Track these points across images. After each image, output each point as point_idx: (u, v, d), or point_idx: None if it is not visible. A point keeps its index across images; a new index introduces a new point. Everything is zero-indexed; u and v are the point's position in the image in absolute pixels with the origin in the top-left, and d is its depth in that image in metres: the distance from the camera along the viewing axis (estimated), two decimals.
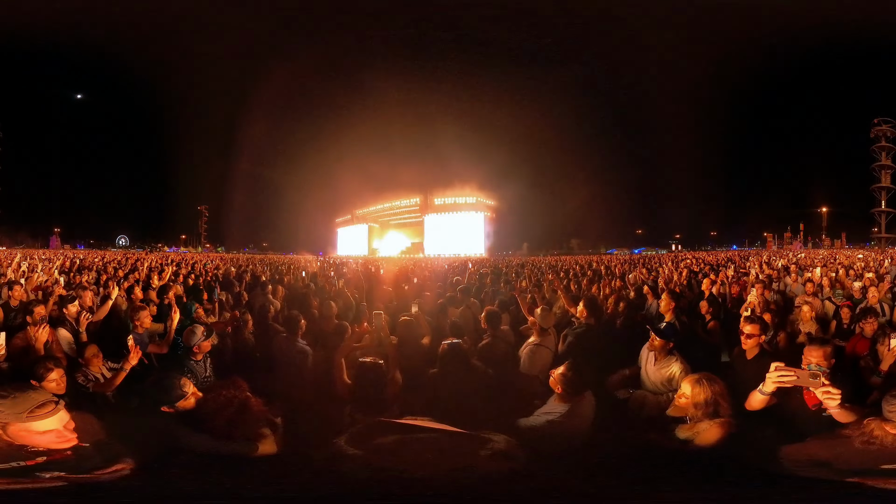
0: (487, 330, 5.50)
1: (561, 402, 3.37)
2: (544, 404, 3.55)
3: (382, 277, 13.54)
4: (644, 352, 4.60)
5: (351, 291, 8.61)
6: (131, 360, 4.18)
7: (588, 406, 3.37)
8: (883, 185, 66.95)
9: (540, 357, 4.98)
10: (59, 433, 2.53)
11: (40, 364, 3.91)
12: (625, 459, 2.97)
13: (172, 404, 3.15)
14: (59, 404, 2.58)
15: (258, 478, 2.71)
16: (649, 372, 4.42)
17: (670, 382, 4.21)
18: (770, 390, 2.99)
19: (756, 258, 21.50)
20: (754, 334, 4.29)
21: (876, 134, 66.67)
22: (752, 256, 28.17)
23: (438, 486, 2.37)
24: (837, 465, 2.49)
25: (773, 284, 9.81)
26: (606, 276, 11.86)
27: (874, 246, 57.95)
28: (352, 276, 12.41)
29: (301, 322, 5.59)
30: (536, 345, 5.08)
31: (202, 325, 4.87)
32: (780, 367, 2.90)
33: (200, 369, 4.65)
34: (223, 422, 2.92)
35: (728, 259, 23.73)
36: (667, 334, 4.45)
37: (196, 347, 4.66)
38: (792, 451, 2.67)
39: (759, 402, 3.09)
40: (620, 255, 48.41)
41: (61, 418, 2.56)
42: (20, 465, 2.42)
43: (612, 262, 19.21)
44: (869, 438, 2.49)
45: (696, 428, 3.19)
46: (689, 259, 23.86)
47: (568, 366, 3.44)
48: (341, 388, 4.03)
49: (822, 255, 28.58)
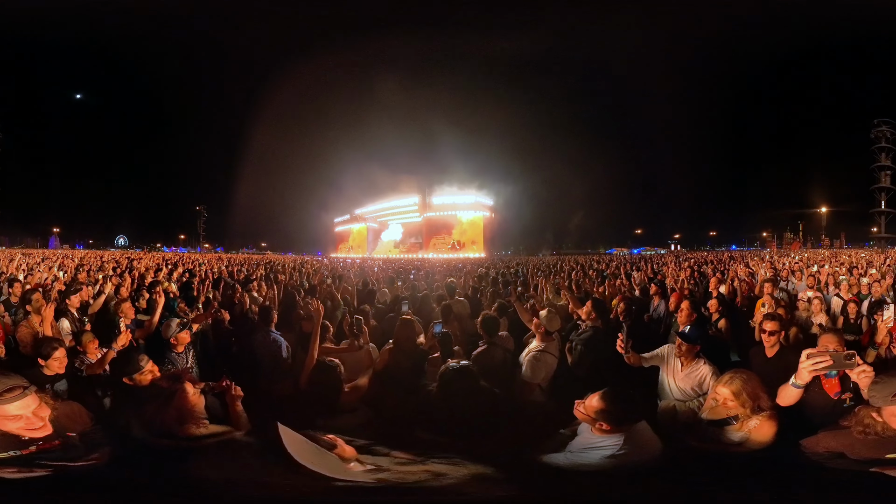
0: (483, 336, 5.18)
1: (606, 434, 2.81)
2: (573, 434, 3.04)
3: (378, 276, 13.51)
4: (663, 360, 4.39)
5: (343, 291, 8.52)
6: (120, 340, 4.56)
7: (648, 433, 2.82)
8: (882, 185, 67.06)
9: (544, 365, 4.72)
10: (28, 420, 2.47)
11: (46, 343, 4.29)
12: (680, 469, 2.79)
13: (131, 376, 3.71)
14: (29, 389, 2.50)
15: (238, 467, 2.66)
16: (677, 379, 4.22)
17: (700, 386, 4.06)
18: (805, 381, 2.89)
19: (758, 260, 21.38)
20: (776, 331, 4.24)
21: (876, 135, 66.74)
22: (755, 257, 28.07)
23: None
24: (850, 456, 2.48)
25: (780, 283, 9.77)
26: (611, 277, 11.67)
27: (873, 246, 57.88)
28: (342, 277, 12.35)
29: (273, 313, 5.86)
30: (540, 351, 4.79)
31: (178, 318, 5.18)
32: (812, 353, 2.80)
33: (182, 360, 4.89)
34: (160, 404, 3.07)
35: (731, 259, 23.63)
36: (693, 339, 4.30)
37: (173, 339, 4.90)
38: (809, 443, 2.66)
39: (794, 395, 2.99)
40: (620, 255, 48.34)
41: (27, 404, 2.48)
42: (15, 455, 2.41)
43: (613, 262, 19.10)
44: (864, 428, 2.49)
45: (746, 425, 3.04)
46: (692, 259, 23.79)
47: (605, 397, 2.85)
48: (302, 383, 3.99)
49: (823, 256, 28.50)
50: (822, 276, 10.38)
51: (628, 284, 10.07)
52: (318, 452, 2.36)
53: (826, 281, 9.91)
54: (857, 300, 7.59)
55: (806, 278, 10.19)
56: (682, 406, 3.99)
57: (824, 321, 6.27)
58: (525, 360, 4.80)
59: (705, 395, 3.83)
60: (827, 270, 11.52)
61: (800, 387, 2.93)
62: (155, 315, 5.83)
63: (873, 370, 2.66)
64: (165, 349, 4.89)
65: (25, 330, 5.40)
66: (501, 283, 10.77)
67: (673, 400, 4.15)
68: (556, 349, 4.95)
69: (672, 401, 4.13)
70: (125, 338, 4.62)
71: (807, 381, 2.89)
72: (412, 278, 13.97)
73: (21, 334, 5.40)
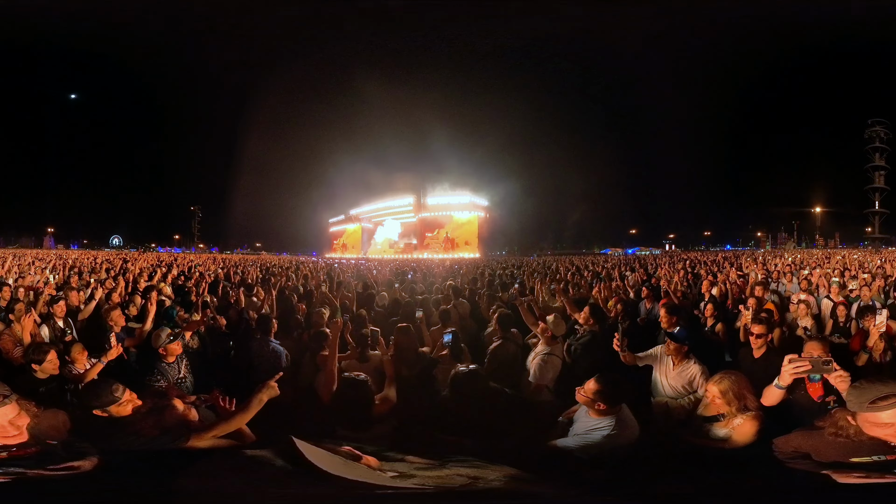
0: (498, 332, 5.61)
1: (602, 415, 3.24)
2: (573, 421, 3.45)
3: (376, 278, 13.47)
4: (656, 359, 4.61)
5: (342, 297, 8.34)
6: (110, 354, 4.46)
7: (630, 417, 3.30)
8: (876, 185, 67.44)
9: (551, 367, 4.88)
10: (2, 428, 2.42)
11: (37, 348, 4.23)
12: (675, 461, 3.12)
13: (104, 408, 3.06)
14: (10, 398, 2.47)
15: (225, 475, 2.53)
16: (669, 378, 4.43)
17: (691, 385, 4.29)
18: (787, 383, 3.08)
19: (751, 261, 21.48)
20: (763, 334, 4.53)
21: (870, 135, 67.11)
22: (748, 257, 28.21)
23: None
24: (815, 458, 2.56)
25: (771, 285, 9.83)
26: (606, 279, 11.73)
27: (868, 246, 58.19)
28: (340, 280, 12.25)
29: (273, 322, 5.64)
30: (547, 354, 4.94)
31: (168, 328, 4.98)
32: (793, 358, 2.99)
33: (173, 371, 4.71)
34: (149, 424, 2.95)
35: (724, 259, 23.77)
36: (681, 339, 4.51)
37: (163, 350, 4.71)
38: (780, 442, 2.77)
39: (777, 396, 3.20)
40: (614, 256, 48.48)
41: (5, 413, 2.44)
42: None
43: (608, 263, 19.17)
44: (837, 430, 2.54)
45: (730, 424, 3.35)
46: (686, 259, 23.91)
47: (600, 380, 3.27)
48: (322, 393, 3.94)
49: (816, 256, 28.60)
50: (814, 279, 10.42)
51: (623, 286, 10.15)
52: (346, 463, 2.35)
53: (818, 283, 9.94)
54: (847, 303, 7.62)
55: (800, 281, 10.18)
56: (673, 403, 4.26)
57: (810, 325, 6.34)
58: (532, 364, 4.96)
59: (695, 393, 4.16)
60: (819, 272, 11.56)
61: (782, 388, 3.12)
62: (147, 323, 5.71)
63: (850, 375, 2.80)
64: (155, 359, 4.76)
65: (7, 338, 5.33)
66: (498, 284, 10.82)
67: (665, 397, 4.39)
68: (560, 351, 5.15)
69: (664, 398, 4.38)
70: (116, 351, 4.55)
71: (788, 382, 3.06)
72: (409, 279, 13.99)
73: (3, 342, 5.31)
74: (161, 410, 3.07)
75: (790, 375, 3.00)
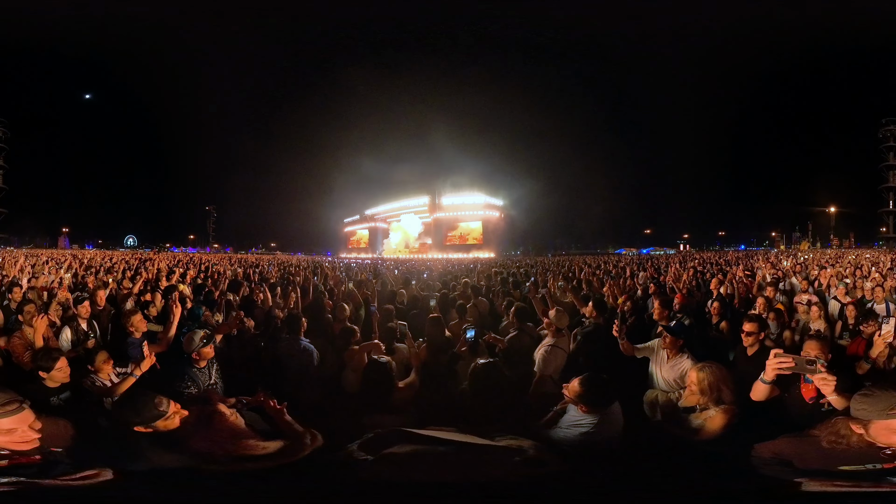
0: (515, 323, 5.99)
1: (586, 413, 3.27)
2: (566, 411, 3.50)
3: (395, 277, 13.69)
4: (653, 352, 4.77)
5: (361, 293, 8.53)
6: (143, 366, 4.03)
7: (617, 414, 3.33)
8: (890, 185, 66.60)
9: (555, 358, 5.08)
10: (22, 433, 2.44)
11: (45, 355, 3.88)
12: (652, 455, 3.16)
13: (148, 424, 2.77)
14: (25, 404, 2.49)
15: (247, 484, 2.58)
16: (663, 371, 4.59)
17: (682, 379, 4.30)
18: (770, 378, 3.09)
19: (763, 260, 21.51)
20: (753, 332, 4.53)
21: (884, 134, 66.31)
22: (761, 257, 28.14)
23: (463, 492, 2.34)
24: (797, 465, 2.52)
25: (780, 284, 9.86)
26: (615, 277, 11.98)
27: (882, 246, 57.56)
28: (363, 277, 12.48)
29: (303, 321, 5.56)
30: (551, 346, 5.16)
31: (202, 331, 4.51)
32: (778, 353, 3.00)
33: (204, 377, 4.38)
34: (200, 436, 2.78)
35: (737, 259, 23.77)
36: (677, 332, 4.64)
37: (196, 354, 4.35)
38: (762, 447, 2.71)
39: (762, 391, 3.20)
40: (628, 256, 48.41)
41: (24, 418, 2.47)
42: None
43: (621, 263, 19.34)
44: (836, 438, 2.52)
45: (703, 415, 3.42)
46: (697, 259, 23.94)
47: (582, 382, 3.29)
48: (349, 387, 4.11)
49: (828, 256, 28.39)
50: (824, 280, 10.42)
51: (632, 284, 10.39)
52: (450, 432, 2.69)
53: (829, 283, 9.92)
54: (857, 304, 7.36)
55: (801, 281, 10.14)
56: (663, 396, 4.38)
57: (823, 328, 6.23)
58: (538, 355, 5.15)
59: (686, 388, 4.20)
60: (829, 273, 11.45)
61: (767, 383, 3.14)
62: (172, 327, 5.09)
63: (836, 379, 2.80)
64: (185, 365, 4.34)
65: (18, 341, 5.09)
66: (511, 283, 11.11)
67: (658, 390, 4.53)
68: (566, 344, 5.32)
69: (656, 390, 4.53)
70: (149, 361, 4.09)
71: (772, 378, 3.08)
72: (425, 277, 14.27)
73: (13, 345, 5.07)
74: (209, 419, 2.89)
75: (773, 370, 3.01)
